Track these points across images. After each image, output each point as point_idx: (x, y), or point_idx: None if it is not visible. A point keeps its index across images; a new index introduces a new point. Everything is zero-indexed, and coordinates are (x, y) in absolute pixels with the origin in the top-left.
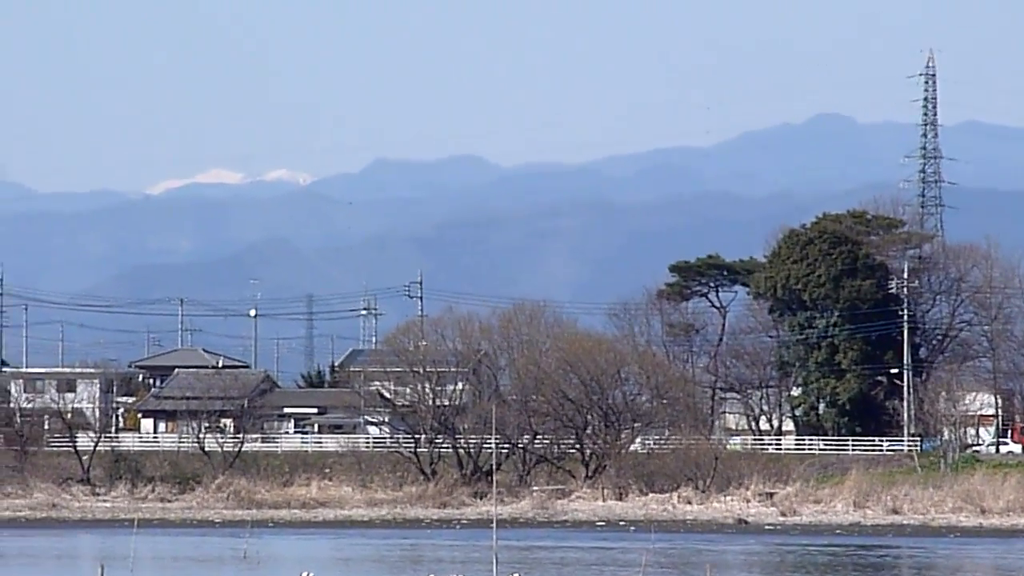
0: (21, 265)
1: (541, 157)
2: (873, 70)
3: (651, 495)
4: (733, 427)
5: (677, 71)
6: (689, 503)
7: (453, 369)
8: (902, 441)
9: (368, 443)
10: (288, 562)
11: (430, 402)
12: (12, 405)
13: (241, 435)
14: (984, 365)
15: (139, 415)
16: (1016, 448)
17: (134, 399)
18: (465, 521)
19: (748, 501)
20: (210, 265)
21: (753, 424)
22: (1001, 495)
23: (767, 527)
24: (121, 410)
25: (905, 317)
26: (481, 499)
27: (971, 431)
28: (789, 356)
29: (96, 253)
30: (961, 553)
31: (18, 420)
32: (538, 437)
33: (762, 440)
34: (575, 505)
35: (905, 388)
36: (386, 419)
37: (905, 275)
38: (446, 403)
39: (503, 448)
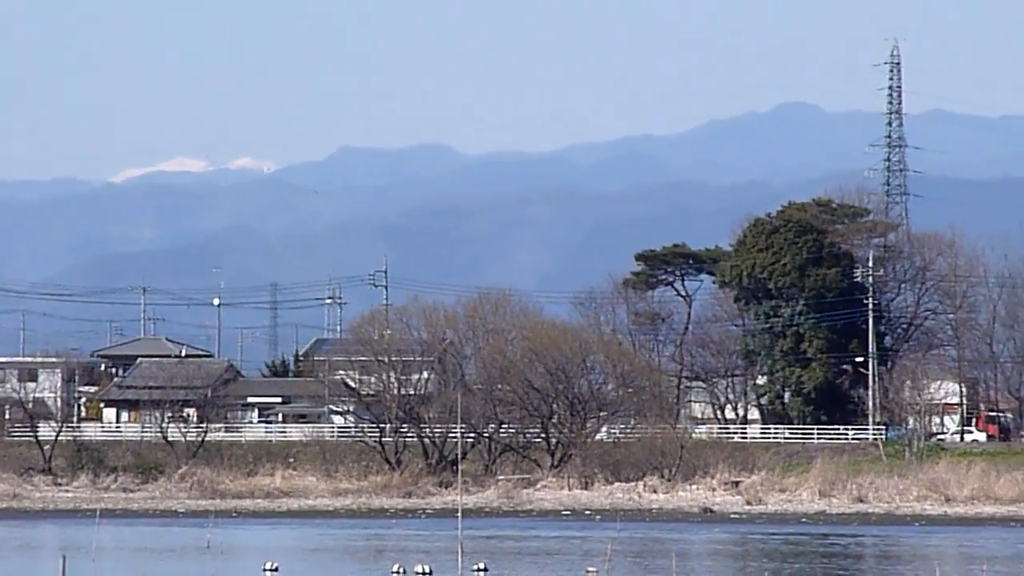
0: None
1: (508, 146)
2: (839, 59)
3: (617, 484)
4: (699, 416)
5: (643, 60)
6: (655, 492)
7: (418, 358)
8: (867, 430)
9: (333, 433)
10: (252, 552)
11: (395, 391)
12: None
13: (204, 425)
14: (949, 354)
15: (102, 404)
16: (981, 436)
17: (97, 388)
18: (430, 511)
19: (714, 490)
20: (173, 254)
21: (719, 413)
22: (966, 483)
23: (733, 516)
24: (83, 400)
25: (870, 306)
26: (446, 488)
27: (936, 420)
28: (755, 345)
29: (59, 242)
30: (926, 541)
31: None
32: (504, 426)
33: (728, 429)
34: (541, 494)
35: (870, 377)
36: (351, 408)
37: (870, 264)
38: (411, 392)
39: (469, 437)
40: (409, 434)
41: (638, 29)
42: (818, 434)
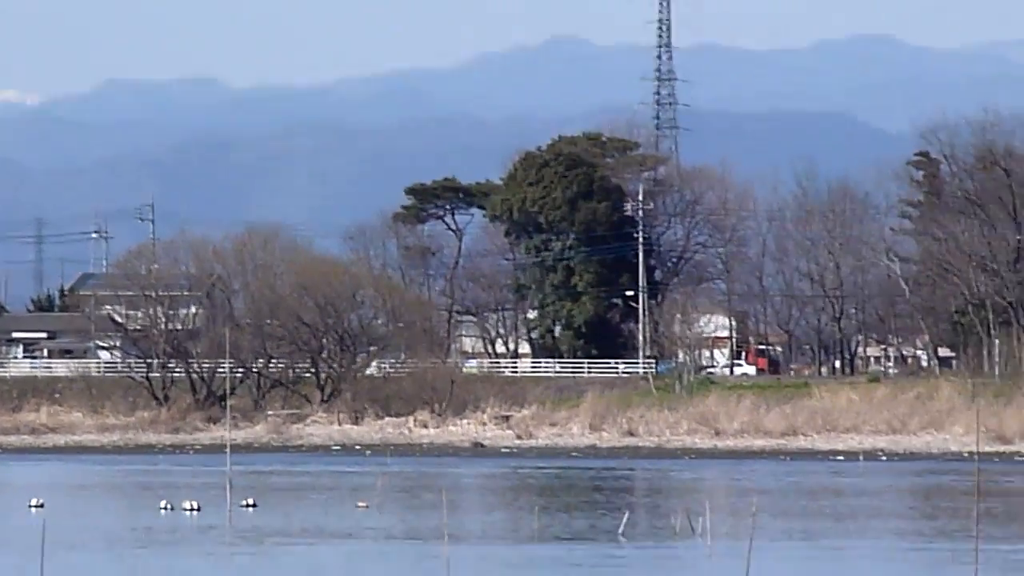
0: None
1: (276, 79)
2: None
3: (387, 419)
4: (469, 350)
5: None
6: (425, 427)
7: (186, 293)
8: (638, 364)
9: (99, 368)
10: (17, 489)
11: (162, 326)
12: None
13: None
14: (719, 287)
15: None
16: (750, 370)
17: None
18: (198, 446)
19: (484, 424)
20: None
21: (489, 347)
22: (735, 417)
23: (503, 450)
24: None
25: (640, 240)
26: (215, 424)
27: (706, 353)
28: (525, 279)
29: None
30: (696, 475)
31: None
32: (273, 361)
33: (498, 363)
34: (311, 429)
35: (640, 311)
36: (117, 344)
37: (640, 197)
38: (179, 328)
39: (237, 373)
40: (177, 370)
41: None
42: (589, 368)
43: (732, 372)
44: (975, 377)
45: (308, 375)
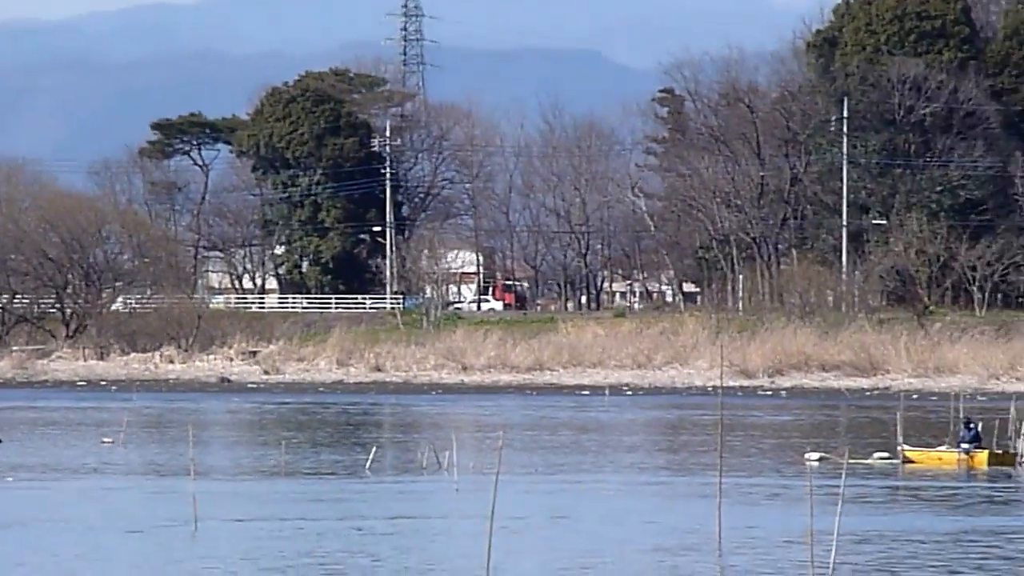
0: None
1: (20, 12)
2: None
3: (133, 355)
4: (216, 286)
5: None
6: (172, 362)
7: None
8: (385, 299)
9: None
10: None
11: None
12: None
13: None
14: (466, 223)
15: None
16: (497, 305)
17: None
18: None
19: (231, 360)
20: None
21: (236, 283)
22: (482, 352)
23: (250, 386)
24: None
25: (388, 175)
26: None
27: (453, 289)
28: (272, 215)
29: None
30: (443, 409)
31: None
32: (17, 297)
33: (245, 299)
34: (56, 365)
35: (388, 246)
36: None
37: (388, 133)
38: None
39: None
40: None
41: None
42: (336, 304)
43: (479, 307)
44: (719, 312)
45: (53, 311)
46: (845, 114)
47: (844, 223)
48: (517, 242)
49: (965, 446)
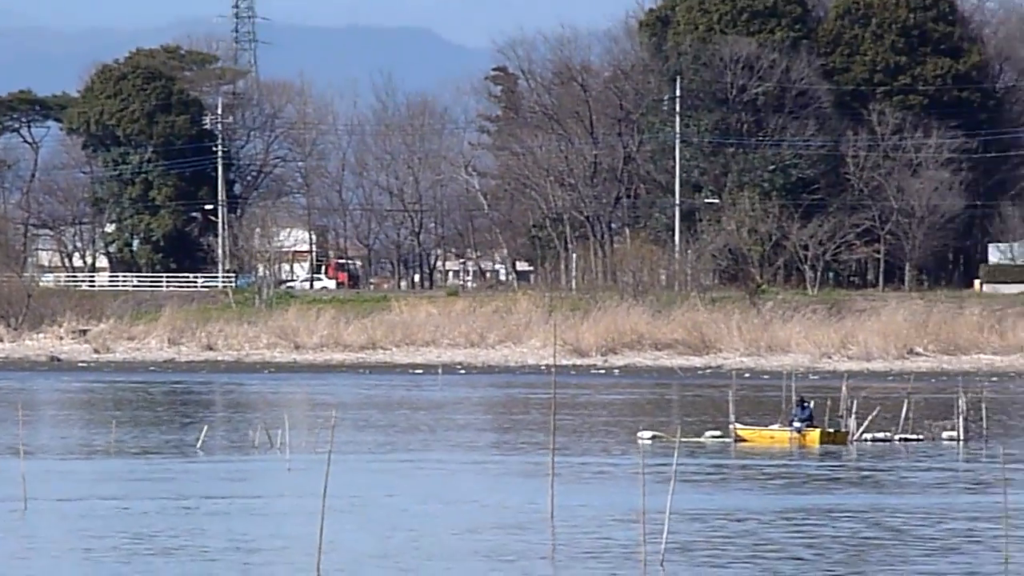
0: None
1: None
2: None
3: None
4: (46, 264)
5: None
6: (1, 341)
7: None
8: (217, 278)
9: None
10: None
11: None
12: None
13: None
14: (299, 201)
15: None
16: (330, 284)
17: None
18: None
19: (61, 339)
20: None
21: (66, 261)
22: (315, 331)
23: (81, 364)
24: None
25: (220, 153)
26: None
27: (286, 267)
28: (103, 192)
29: None
30: (276, 388)
31: None
32: None
33: (76, 277)
34: None
35: (220, 224)
36: None
37: (220, 111)
38: None
39: None
40: None
41: None
42: (167, 282)
43: (312, 286)
44: (552, 291)
45: None
46: (678, 93)
47: (677, 202)
48: (350, 220)
49: (797, 424)
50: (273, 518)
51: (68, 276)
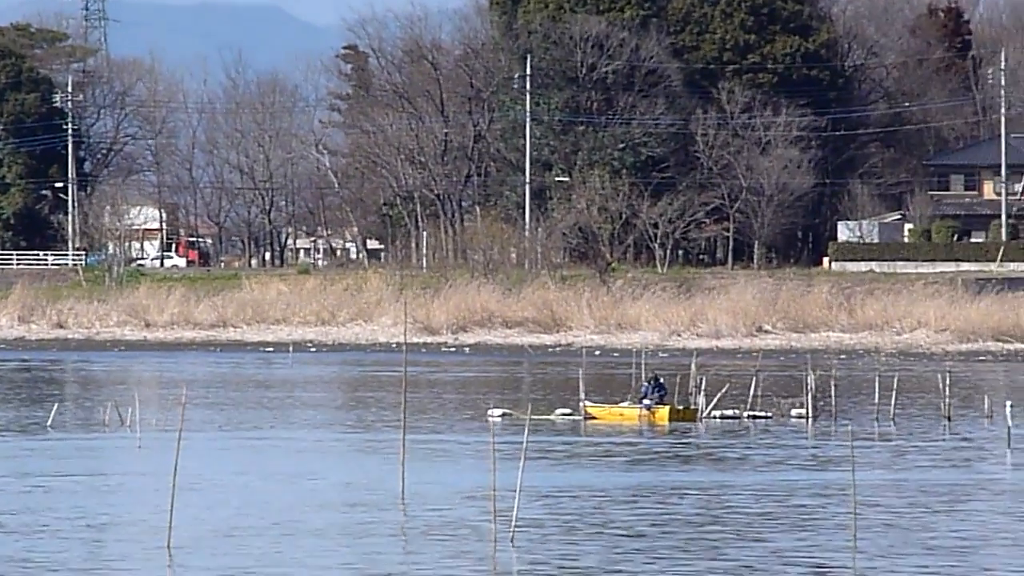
0: None
1: None
2: None
3: None
4: None
5: None
6: None
7: None
8: (67, 255)
9: None
10: None
11: None
12: None
13: None
14: (149, 179)
15: None
16: (181, 262)
17: None
18: None
19: None
20: None
21: None
22: (166, 308)
23: None
24: None
25: (70, 131)
26: None
27: (136, 245)
28: None
29: None
30: (127, 366)
31: None
32: None
33: None
34: None
35: (70, 202)
36: None
37: (70, 89)
38: None
39: None
40: None
41: None
42: (18, 260)
43: (163, 264)
44: (403, 269)
45: None
46: (528, 72)
47: (527, 180)
48: (201, 199)
49: (647, 401)
50: (123, 495)
51: None
